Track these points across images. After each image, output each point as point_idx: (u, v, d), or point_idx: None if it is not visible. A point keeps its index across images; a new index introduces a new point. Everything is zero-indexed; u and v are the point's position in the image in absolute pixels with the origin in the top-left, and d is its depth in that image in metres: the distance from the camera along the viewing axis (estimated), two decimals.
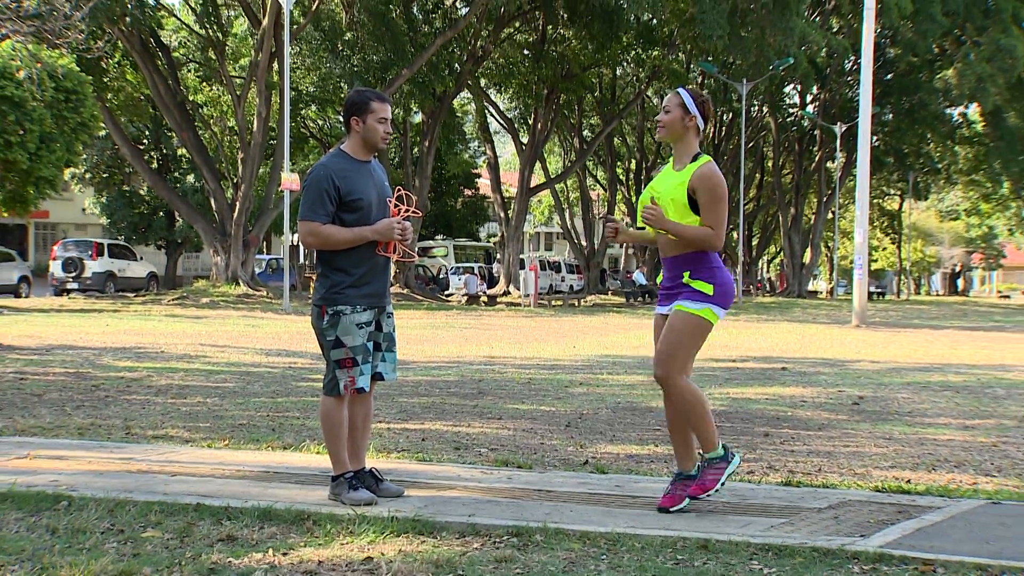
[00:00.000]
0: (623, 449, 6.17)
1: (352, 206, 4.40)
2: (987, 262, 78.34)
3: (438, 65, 30.72)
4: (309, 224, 4.38)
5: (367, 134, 4.46)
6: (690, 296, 4.28)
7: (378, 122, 4.45)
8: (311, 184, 4.41)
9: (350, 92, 4.63)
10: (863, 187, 22.76)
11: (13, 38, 18.51)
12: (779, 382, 10.45)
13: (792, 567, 3.48)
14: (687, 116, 4.36)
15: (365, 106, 4.44)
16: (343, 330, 4.39)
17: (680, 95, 4.39)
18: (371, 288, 4.46)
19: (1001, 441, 6.68)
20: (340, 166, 4.44)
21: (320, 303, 4.45)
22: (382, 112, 4.46)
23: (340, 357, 4.41)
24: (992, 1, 37.22)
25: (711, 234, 4.23)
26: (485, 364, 12.27)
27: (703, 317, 4.25)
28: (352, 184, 4.41)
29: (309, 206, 4.37)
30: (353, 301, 4.41)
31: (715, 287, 4.26)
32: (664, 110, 4.42)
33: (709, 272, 4.28)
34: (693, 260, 4.30)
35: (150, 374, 10.27)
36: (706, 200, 4.24)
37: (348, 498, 4.36)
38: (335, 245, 4.40)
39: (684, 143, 4.38)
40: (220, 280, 28.96)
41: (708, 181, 4.25)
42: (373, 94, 4.50)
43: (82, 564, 3.37)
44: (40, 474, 4.88)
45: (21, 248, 42.10)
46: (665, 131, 4.41)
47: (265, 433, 6.50)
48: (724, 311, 4.30)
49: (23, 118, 21.27)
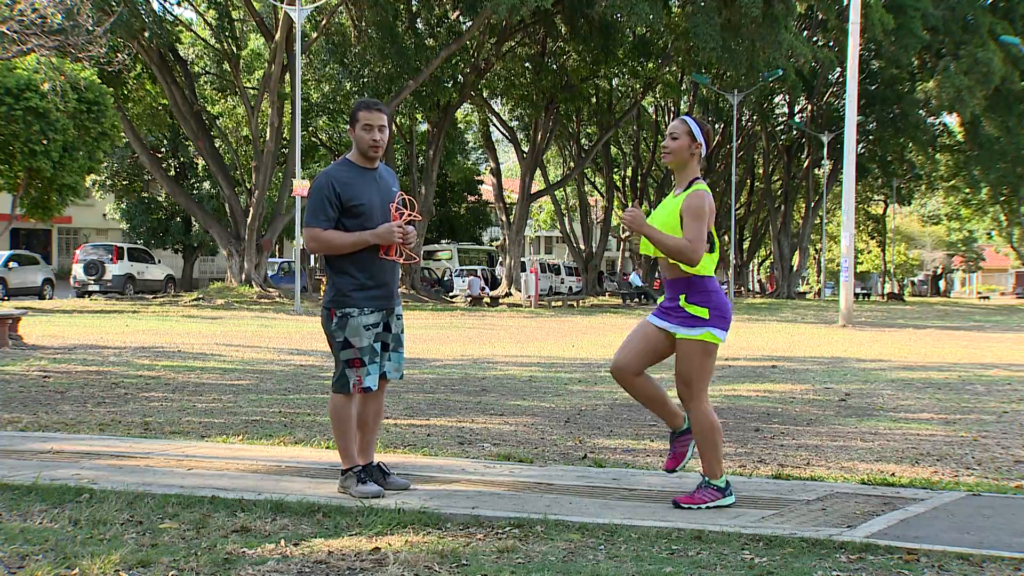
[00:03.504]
0: (620, 444, 6.19)
1: (353, 211, 4.40)
2: (967, 265, 79.50)
3: (443, 77, 31.14)
4: (312, 230, 4.42)
5: (357, 142, 4.50)
6: (687, 323, 4.33)
7: (363, 130, 4.45)
8: (313, 191, 4.46)
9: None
10: (849, 193, 23.07)
11: (38, 52, 18.83)
12: (769, 379, 10.46)
13: (782, 557, 3.50)
14: (694, 143, 4.41)
15: (354, 115, 4.49)
16: (351, 332, 4.40)
17: (687, 123, 4.44)
18: (378, 291, 4.46)
19: (981, 436, 6.74)
20: (343, 173, 4.47)
21: (329, 306, 4.47)
22: (366, 120, 4.45)
23: (349, 357, 4.42)
24: (970, 17, 37.78)
25: (685, 245, 4.25)
26: (488, 362, 12.34)
27: (704, 341, 4.31)
28: (353, 191, 4.41)
29: (311, 212, 4.43)
30: (360, 304, 4.42)
31: (710, 310, 4.30)
32: (671, 136, 4.45)
33: (704, 296, 4.32)
34: (688, 284, 4.34)
35: (167, 372, 10.28)
36: (688, 216, 4.29)
37: (357, 491, 4.38)
38: (337, 249, 4.41)
39: (687, 169, 4.43)
40: (234, 282, 29.33)
41: (691, 200, 4.32)
42: (362, 104, 4.52)
43: (103, 554, 3.38)
44: (63, 468, 4.93)
45: (45, 252, 42.23)
46: (671, 157, 4.44)
47: (277, 429, 6.49)
48: (724, 332, 4.34)
49: (47, 128, 21.71)
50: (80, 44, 18.18)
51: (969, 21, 38.00)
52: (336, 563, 3.41)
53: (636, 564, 3.41)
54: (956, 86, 36.11)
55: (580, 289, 42.46)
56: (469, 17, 31.66)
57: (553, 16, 32.16)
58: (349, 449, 4.48)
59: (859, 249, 64.33)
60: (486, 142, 40.97)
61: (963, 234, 71.31)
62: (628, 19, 29.29)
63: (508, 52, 35.49)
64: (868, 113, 41.52)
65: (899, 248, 71.37)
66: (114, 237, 43.68)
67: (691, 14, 29.78)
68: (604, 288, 45.88)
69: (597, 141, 40.88)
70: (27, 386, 8.87)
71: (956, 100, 36.57)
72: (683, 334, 4.34)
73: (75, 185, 23.78)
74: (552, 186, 42.44)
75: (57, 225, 43.52)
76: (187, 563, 3.36)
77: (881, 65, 40.64)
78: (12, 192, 23.50)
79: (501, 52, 34.31)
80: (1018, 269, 67.03)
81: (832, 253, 64.84)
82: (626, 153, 47.71)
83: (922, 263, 74.96)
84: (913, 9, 35.05)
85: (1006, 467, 5.62)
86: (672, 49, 35.07)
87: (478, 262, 43.54)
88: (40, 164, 22.02)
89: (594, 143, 41.34)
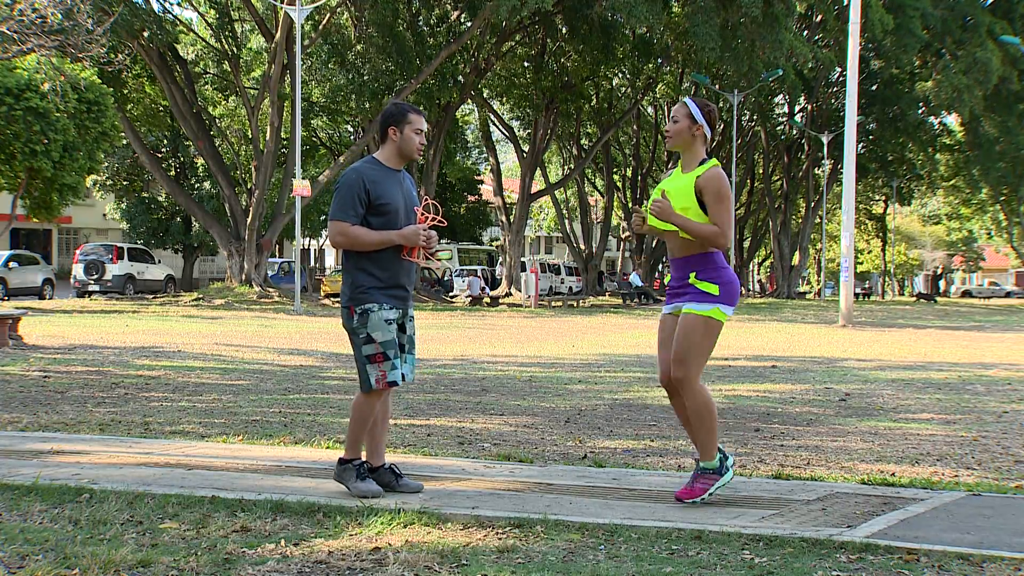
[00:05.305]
0: (620, 444, 6.19)
1: (381, 210, 4.45)
2: (967, 265, 79.70)
3: (443, 77, 31.11)
4: (340, 224, 4.44)
5: (403, 144, 4.52)
6: (696, 298, 4.31)
7: (415, 133, 4.52)
8: (343, 186, 4.46)
9: (388, 104, 4.69)
10: (849, 193, 23.10)
11: (38, 52, 18.84)
12: (769, 379, 10.46)
13: (782, 557, 3.50)
14: (694, 125, 4.37)
15: (403, 117, 4.51)
16: (373, 326, 4.42)
17: (687, 105, 4.40)
18: (396, 290, 4.50)
19: (981, 436, 6.74)
20: (372, 172, 4.50)
21: (349, 304, 4.48)
22: (419, 124, 4.52)
23: (371, 352, 4.43)
24: (969, 17, 37.86)
25: (717, 231, 4.25)
26: (488, 362, 12.36)
27: (711, 317, 4.29)
28: (382, 190, 4.45)
29: (340, 207, 4.43)
30: (379, 299, 4.45)
31: (720, 287, 4.30)
32: (672, 120, 4.43)
33: (715, 272, 4.31)
34: (699, 261, 4.32)
35: (167, 372, 10.29)
36: (712, 200, 4.27)
37: (354, 487, 4.39)
38: (362, 246, 4.44)
39: (692, 151, 4.40)
40: (234, 282, 29.35)
41: (713, 182, 4.29)
42: (411, 107, 4.57)
43: (103, 554, 3.38)
44: (63, 467, 4.93)
45: (45, 252, 42.20)
46: (673, 140, 4.43)
47: (277, 429, 6.50)
48: (731, 308, 4.34)
49: (47, 128, 21.71)
50: (80, 44, 18.19)
51: (968, 21, 38.09)
52: (336, 563, 3.41)
53: (636, 564, 3.42)
54: (955, 86, 36.20)
55: (580, 289, 42.55)
56: (469, 17, 31.70)
57: (553, 16, 32.20)
58: (358, 442, 4.49)
59: (859, 249, 64.40)
60: (486, 142, 41.08)
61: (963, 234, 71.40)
62: (627, 20, 29.34)
63: (508, 52, 35.56)
64: (868, 113, 41.57)
65: (899, 248, 71.45)
66: (114, 237, 43.75)
67: (691, 14, 29.82)
68: (604, 288, 45.97)
69: (597, 141, 40.97)
70: (27, 386, 8.89)
71: (955, 100, 36.65)
72: (691, 307, 4.33)
73: (75, 185, 23.83)
74: (552, 186, 42.54)
75: (57, 225, 43.57)
76: (187, 563, 3.36)
77: (881, 65, 40.71)
78: (12, 192, 23.54)
79: (501, 52, 34.35)
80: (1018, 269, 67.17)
81: (832, 253, 64.93)
82: (626, 153, 47.76)
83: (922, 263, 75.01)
84: (913, 9, 35.16)
85: (1006, 467, 5.64)
86: (672, 49, 35.09)
87: (478, 262, 43.62)
88: (41, 164, 22.02)
89: (594, 143, 41.44)
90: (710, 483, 4.31)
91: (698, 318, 4.30)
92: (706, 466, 4.35)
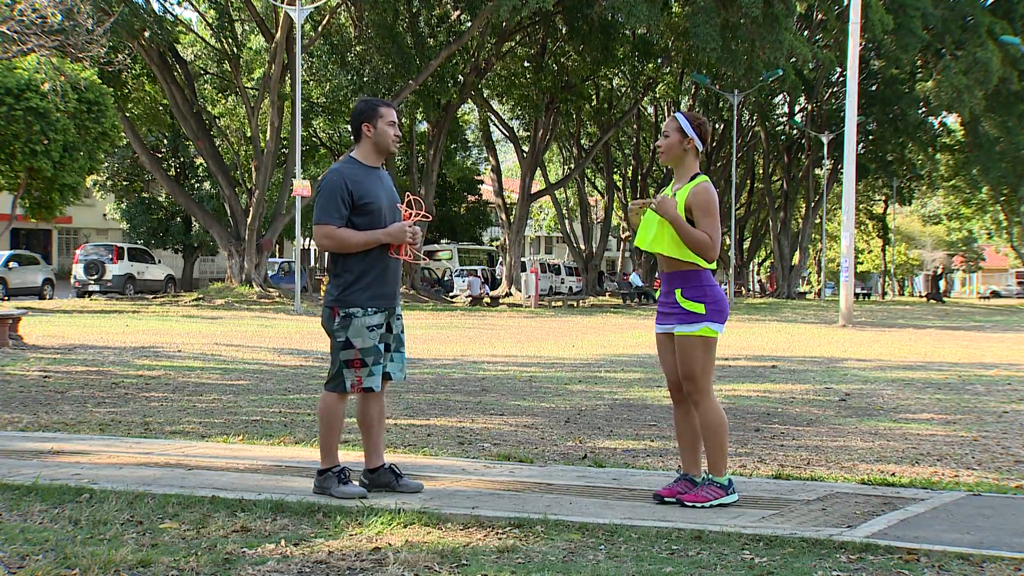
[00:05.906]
0: (620, 444, 6.21)
1: (364, 210, 4.42)
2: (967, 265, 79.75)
3: (443, 77, 31.12)
4: (325, 227, 4.41)
5: (378, 138, 4.51)
6: (684, 319, 4.36)
7: (388, 125, 4.52)
8: (325, 189, 4.43)
9: (357, 103, 4.71)
10: (849, 193, 23.08)
11: (38, 52, 18.79)
12: (769, 379, 10.48)
13: (782, 557, 3.50)
14: (685, 140, 4.41)
15: (375, 112, 4.51)
16: (354, 332, 4.39)
17: (677, 120, 4.44)
18: (382, 290, 4.47)
19: (981, 436, 6.77)
20: (353, 171, 4.48)
21: (332, 304, 4.44)
22: (390, 116, 4.53)
23: (349, 358, 4.41)
24: (969, 17, 37.92)
25: (707, 239, 4.30)
26: (488, 362, 12.39)
27: (702, 336, 4.35)
28: (364, 189, 4.43)
29: (324, 210, 4.41)
30: (364, 303, 4.41)
31: (707, 305, 4.34)
32: (663, 135, 4.48)
33: (700, 291, 4.34)
34: (685, 278, 4.36)
35: (168, 372, 10.30)
36: (700, 214, 4.31)
37: (338, 491, 4.35)
38: (349, 248, 4.42)
39: (684, 166, 4.45)
40: (234, 282, 29.33)
41: (700, 196, 4.33)
42: (380, 101, 4.57)
43: (103, 554, 3.38)
44: (63, 467, 4.94)
45: (45, 252, 42.25)
46: (665, 155, 4.48)
47: (277, 429, 6.51)
48: (721, 326, 4.38)
49: (47, 128, 21.74)
50: (80, 44, 18.20)
51: (968, 21, 38.14)
52: (336, 563, 3.41)
53: (636, 564, 3.42)
54: (955, 86, 36.23)
55: (580, 289, 42.56)
56: (469, 17, 31.72)
57: (553, 16, 32.22)
58: (333, 448, 4.46)
59: (859, 249, 64.43)
60: (486, 142, 41.12)
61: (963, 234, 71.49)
62: (627, 19, 29.32)
63: (508, 52, 35.55)
64: (868, 113, 41.54)
65: (899, 248, 71.50)
66: (114, 237, 43.78)
67: (691, 14, 29.88)
68: (604, 288, 45.99)
69: (597, 141, 40.98)
70: (27, 386, 8.90)
71: (955, 100, 36.70)
72: (682, 331, 4.38)
73: (75, 185, 23.86)
74: (552, 186, 42.56)
75: (57, 225, 43.59)
76: (187, 563, 3.36)
77: (881, 65, 40.85)
78: (13, 192, 23.56)
79: (501, 52, 34.35)
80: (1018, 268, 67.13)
81: (832, 253, 64.95)
82: (626, 153, 47.80)
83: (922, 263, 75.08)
84: (913, 9, 35.19)
85: (1006, 467, 5.64)
86: (672, 49, 35.10)
87: (478, 262, 43.59)
88: (41, 164, 22.05)
89: (594, 143, 41.46)
90: (716, 495, 4.33)
91: (691, 339, 4.37)
92: (717, 480, 4.38)
